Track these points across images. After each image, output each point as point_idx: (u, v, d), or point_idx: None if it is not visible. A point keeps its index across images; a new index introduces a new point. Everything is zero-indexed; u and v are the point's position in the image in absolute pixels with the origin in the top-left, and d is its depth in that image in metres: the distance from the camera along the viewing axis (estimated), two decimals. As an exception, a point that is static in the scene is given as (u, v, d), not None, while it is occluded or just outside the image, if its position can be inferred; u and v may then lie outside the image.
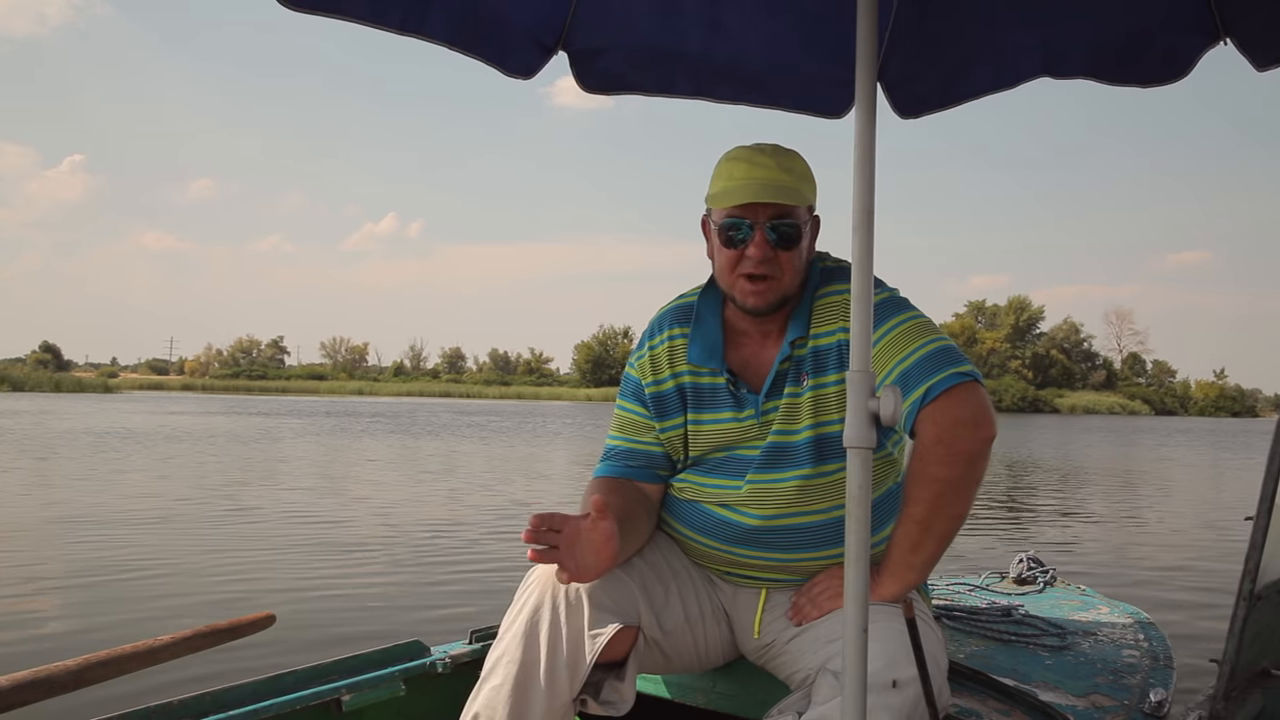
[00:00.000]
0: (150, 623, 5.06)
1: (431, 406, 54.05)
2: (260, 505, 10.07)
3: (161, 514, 9.14)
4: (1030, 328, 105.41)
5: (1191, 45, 2.10)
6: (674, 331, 2.05)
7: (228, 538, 7.92)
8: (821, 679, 1.70)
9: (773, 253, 1.87)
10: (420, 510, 10.19)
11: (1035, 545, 7.88)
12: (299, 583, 6.22)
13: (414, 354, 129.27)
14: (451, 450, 19.68)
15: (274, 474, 13.88)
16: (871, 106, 1.41)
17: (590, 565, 1.70)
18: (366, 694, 2.11)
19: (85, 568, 6.54)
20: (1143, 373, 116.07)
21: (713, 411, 1.98)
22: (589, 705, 1.79)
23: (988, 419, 1.75)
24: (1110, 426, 51.23)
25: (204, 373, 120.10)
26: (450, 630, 3.87)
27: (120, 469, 13.79)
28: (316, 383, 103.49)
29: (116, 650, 1.83)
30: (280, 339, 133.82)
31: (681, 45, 2.37)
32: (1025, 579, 3.16)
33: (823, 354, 1.91)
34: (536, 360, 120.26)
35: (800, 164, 1.91)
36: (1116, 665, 2.31)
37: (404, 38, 1.97)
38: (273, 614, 2.08)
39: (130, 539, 7.68)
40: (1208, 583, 6.80)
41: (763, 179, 1.86)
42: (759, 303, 1.91)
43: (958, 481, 1.75)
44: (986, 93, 2.36)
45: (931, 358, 1.79)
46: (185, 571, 6.49)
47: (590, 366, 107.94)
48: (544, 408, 60.45)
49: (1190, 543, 8.99)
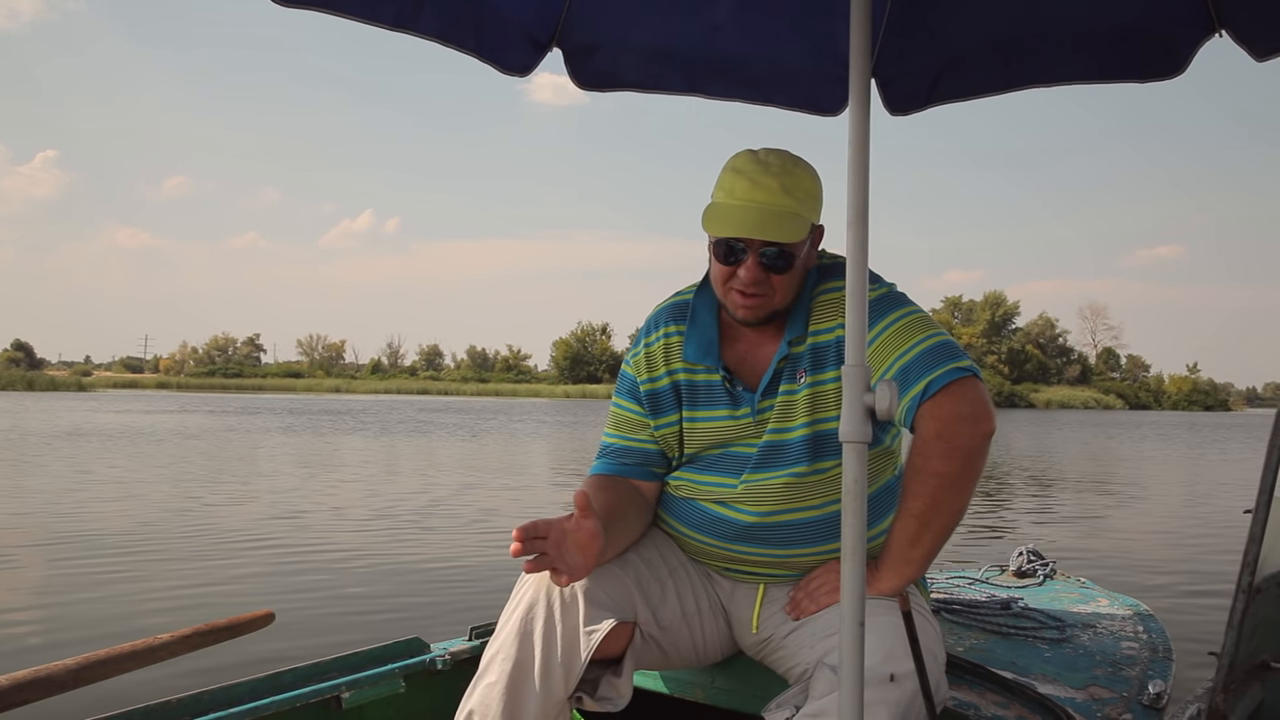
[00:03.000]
0: (151, 617, 5.07)
1: (412, 404, 53.71)
2: (262, 502, 10.03)
3: (153, 514, 9.08)
4: (1006, 323, 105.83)
5: (1187, 38, 2.10)
6: (670, 329, 2.04)
7: (222, 537, 7.88)
8: (819, 673, 1.70)
9: (764, 275, 1.86)
10: (416, 504, 10.17)
11: (1033, 538, 7.90)
12: (299, 580, 6.20)
13: (391, 351, 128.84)
14: (440, 447, 19.63)
15: (273, 472, 13.79)
16: (866, 103, 1.41)
17: (579, 564, 1.71)
18: (366, 691, 2.11)
19: (89, 564, 6.52)
20: (1117, 367, 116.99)
21: (708, 409, 1.98)
22: (585, 701, 1.79)
23: (987, 414, 1.76)
24: (1087, 420, 51.50)
25: (179, 371, 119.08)
26: (450, 627, 3.87)
27: (110, 466, 13.70)
28: (293, 380, 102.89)
29: (116, 649, 1.83)
30: (256, 336, 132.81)
31: (676, 42, 2.37)
32: (1025, 572, 3.18)
33: (822, 350, 1.91)
34: (515, 357, 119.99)
35: (806, 181, 1.88)
36: (1115, 657, 2.32)
37: (391, 34, 1.95)
38: (272, 612, 2.08)
39: (121, 541, 7.63)
40: (1207, 575, 6.80)
41: (762, 205, 1.82)
42: (749, 316, 1.90)
43: (957, 476, 1.75)
44: (980, 94, 2.37)
45: (931, 353, 1.79)
46: (181, 571, 6.45)
47: (568, 363, 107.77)
48: (523, 404, 60.24)
49: (1189, 535, 9.01)
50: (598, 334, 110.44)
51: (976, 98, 2.38)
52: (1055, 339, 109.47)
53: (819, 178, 1.91)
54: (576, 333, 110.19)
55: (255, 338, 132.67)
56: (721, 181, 1.89)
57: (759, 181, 1.83)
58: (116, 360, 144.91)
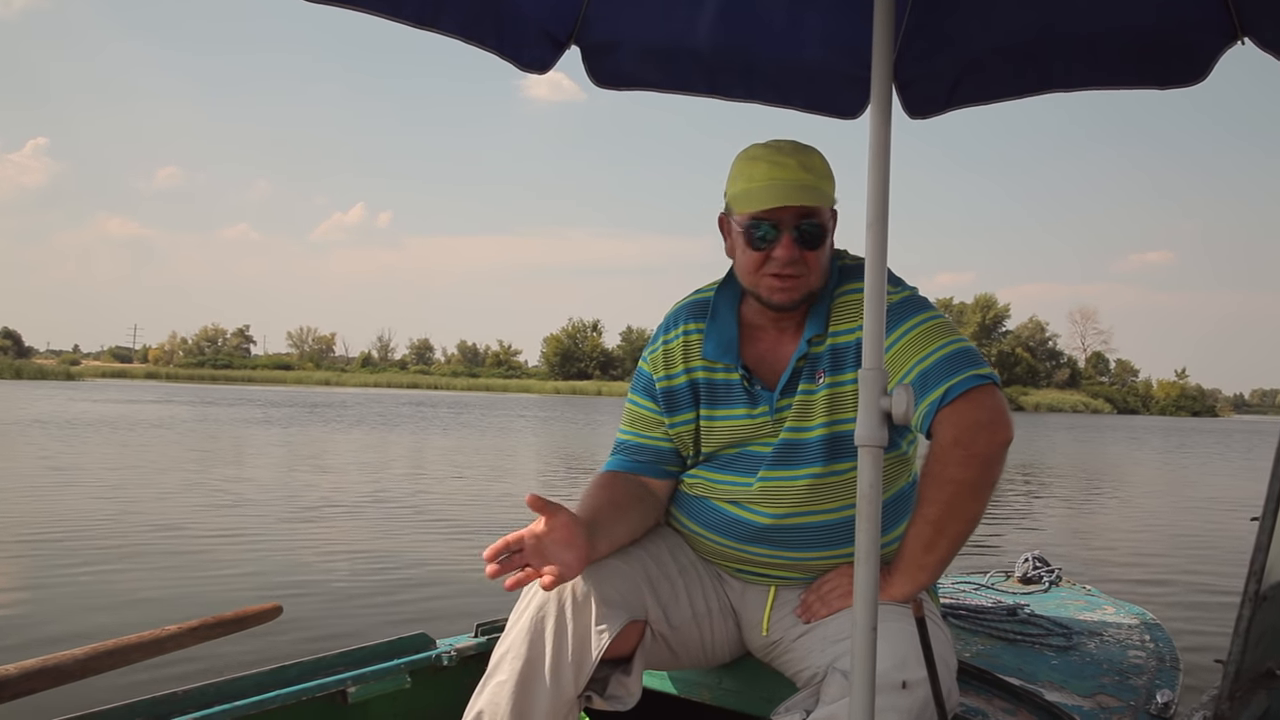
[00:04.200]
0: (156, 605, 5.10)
1: (411, 399, 53.61)
2: (260, 501, 10.01)
3: (161, 505, 9.08)
4: (996, 326, 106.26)
5: (1208, 45, 2.09)
6: (689, 326, 2.03)
7: (230, 528, 7.88)
8: (830, 678, 1.69)
9: (799, 253, 1.85)
10: (422, 500, 10.16)
11: (1039, 544, 7.91)
12: (305, 574, 6.19)
13: (382, 345, 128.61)
14: (441, 442, 19.59)
15: (275, 468, 13.75)
16: (887, 106, 1.41)
17: (570, 559, 1.67)
18: (372, 686, 2.11)
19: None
20: (1106, 371, 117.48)
21: (726, 407, 1.98)
22: (595, 700, 1.79)
23: (1005, 422, 1.76)
24: (1078, 424, 51.58)
25: (168, 361, 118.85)
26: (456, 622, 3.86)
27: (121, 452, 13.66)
28: (283, 373, 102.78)
29: (123, 640, 1.82)
30: (246, 328, 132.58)
31: (695, 43, 2.35)
32: (1031, 578, 3.17)
33: (841, 352, 1.91)
34: (505, 352, 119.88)
35: (820, 161, 1.89)
36: (1122, 666, 2.31)
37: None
38: (279, 605, 2.07)
39: (127, 531, 7.63)
40: (1213, 584, 6.78)
41: (786, 180, 1.83)
42: (786, 299, 1.89)
43: (974, 484, 1.75)
44: (999, 98, 2.36)
45: (951, 359, 1.79)
46: (190, 564, 6.45)
47: (559, 359, 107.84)
48: (514, 400, 60.17)
49: (1195, 543, 8.99)
50: (588, 330, 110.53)
51: (995, 101, 2.37)
52: (1045, 342, 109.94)
53: (828, 162, 1.92)
54: (567, 329, 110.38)
55: (245, 329, 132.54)
56: (737, 172, 1.90)
57: (777, 161, 1.85)
58: (105, 350, 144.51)
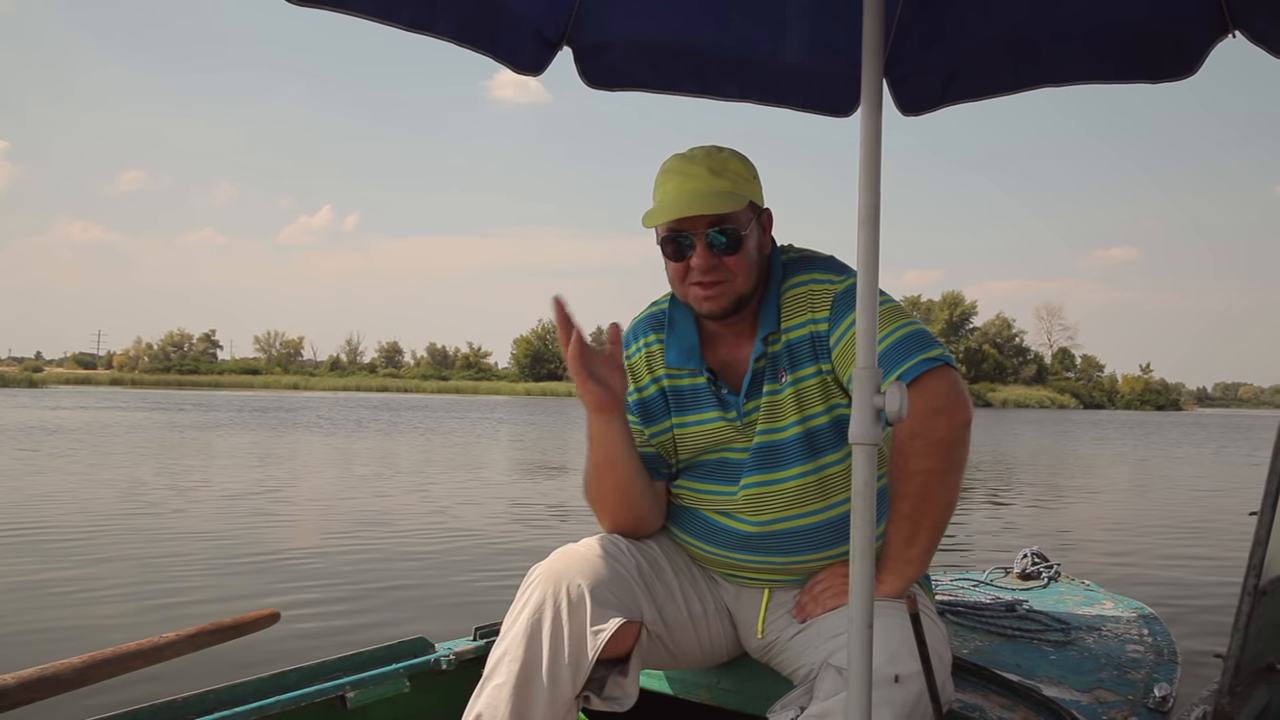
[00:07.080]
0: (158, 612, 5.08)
1: (383, 402, 53.29)
2: (262, 500, 9.97)
3: (157, 511, 9.02)
4: (963, 323, 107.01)
5: (1200, 38, 2.10)
6: (649, 339, 2.03)
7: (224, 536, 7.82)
8: (824, 674, 1.69)
9: (717, 259, 1.84)
10: (421, 505, 10.12)
11: (1037, 540, 7.96)
12: (302, 580, 6.15)
13: (350, 348, 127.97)
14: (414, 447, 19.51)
15: (273, 472, 13.65)
16: (878, 103, 1.41)
17: (612, 379, 1.81)
18: (371, 691, 2.10)
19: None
20: (1072, 367, 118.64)
21: (697, 412, 1.97)
22: (592, 701, 1.79)
23: (961, 403, 1.73)
24: (1046, 419, 51.95)
25: (134, 367, 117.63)
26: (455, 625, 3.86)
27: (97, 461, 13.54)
28: (251, 377, 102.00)
29: (121, 648, 1.81)
30: (213, 333, 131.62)
31: (687, 43, 2.36)
32: (1029, 574, 3.18)
33: (796, 347, 1.89)
34: (475, 354, 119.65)
35: (735, 164, 1.88)
36: (1121, 660, 2.32)
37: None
38: (277, 611, 2.07)
39: (125, 535, 7.60)
40: (1212, 578, 6.79)
41: (694, 190, 1.82)
42: (713, 307, 1.88)
43: (940, 471, 1.74)
44: (992, 94, 2.37)
45: (900, 345, 1.77)
46: (186, 570, 6.41)
47: (529, 361, 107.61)
48: (484, 402, 59.99)
49: (1194, 537, 9.02)
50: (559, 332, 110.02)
51: (989, 97, 2.38)
52: (1012, 339, 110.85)
53: (751, 163, 1.91)
54: (537, 330, 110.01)
55: (211, 334, 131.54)
56: (655, 186, 1.89)
57: (686, 172, 1.84)
58: (69, 356, 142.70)
